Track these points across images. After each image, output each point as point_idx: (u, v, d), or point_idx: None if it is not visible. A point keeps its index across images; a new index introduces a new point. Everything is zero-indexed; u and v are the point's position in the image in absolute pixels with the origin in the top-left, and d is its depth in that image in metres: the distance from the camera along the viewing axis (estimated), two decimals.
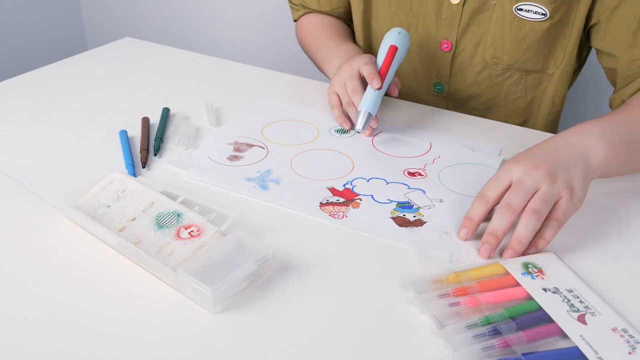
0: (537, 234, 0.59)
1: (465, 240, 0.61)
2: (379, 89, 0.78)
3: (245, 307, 0.52)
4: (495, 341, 0.48)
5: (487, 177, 0.64)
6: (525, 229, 0.57)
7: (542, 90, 0.93)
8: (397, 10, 0.93)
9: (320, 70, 1.01)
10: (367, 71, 0.79)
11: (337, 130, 0.83)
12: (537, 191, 0.59)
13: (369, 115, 0.77)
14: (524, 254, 0.58)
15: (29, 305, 0.52)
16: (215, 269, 0.52)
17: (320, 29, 1.02)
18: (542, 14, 0.83)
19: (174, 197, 0.63)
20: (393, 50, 0.82)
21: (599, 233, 0.63)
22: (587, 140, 0.65)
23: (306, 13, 1.06)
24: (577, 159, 0.63)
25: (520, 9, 0.84)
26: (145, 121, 0.82)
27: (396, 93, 0.84)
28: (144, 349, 0.48)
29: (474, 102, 0.96)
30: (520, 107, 0.95)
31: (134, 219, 0.61)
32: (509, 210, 0.59)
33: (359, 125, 0.78)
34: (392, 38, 0.84)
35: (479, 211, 0.61)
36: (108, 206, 0.62)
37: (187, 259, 0.55)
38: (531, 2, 0.83)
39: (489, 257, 0.58)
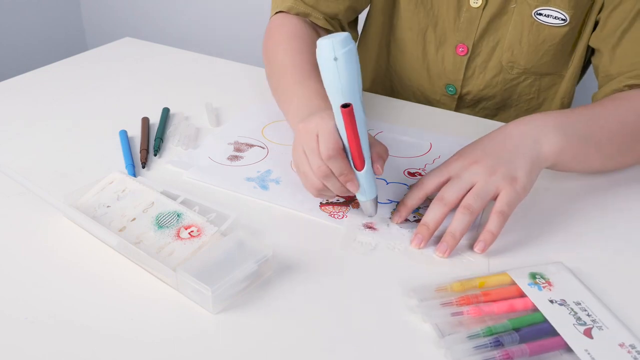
0: (484, 228, 0.59)
1: (398, 223, 0.63)
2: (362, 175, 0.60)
3: (245, 307, 0.52)
4: (496, 353, 0.47)
5: None
6: (457, 224, 0.59)
7: (554, 92, 0.93)
8: (418, 8, 0.91)
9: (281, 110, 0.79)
10: (337, 171, 0.59)
11: None
12: (473, 186, 0.60)
13: (372, 200, 0.62)
14: (482, 250, 0.58)
15: (29, 305, 0.52)
16: (215, 269, 0.52)
17: (290, 56, 0.79)
18: (562, 19, 0.82)
19: (174, 197, 0.63)
20: (349, 116, 0.56)
21: (612, 244, 0.62)
22: (540, 129, 0.64)
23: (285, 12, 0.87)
24: (525, 148, 0.62)
25: (540, 14, 0.82)
26: (145, 121, 0.82)
27: (380, 171, 0.61)
28: (144, 349, 0.48)
29: (485, 103, 0.96)
30: (532, 107, 0.95)
31: (134, 219, 0.61)
32: (441, 203, 0.60)
33: (369, 213, 0.63)
34: (337, 90, 0.56)
35: (413, 197, 0.63)
36: (108, 206, 0.62)
37: (187, 259, 0.55)
38: (552, 7, 0.82)
39: (419, 247, 0.60)
